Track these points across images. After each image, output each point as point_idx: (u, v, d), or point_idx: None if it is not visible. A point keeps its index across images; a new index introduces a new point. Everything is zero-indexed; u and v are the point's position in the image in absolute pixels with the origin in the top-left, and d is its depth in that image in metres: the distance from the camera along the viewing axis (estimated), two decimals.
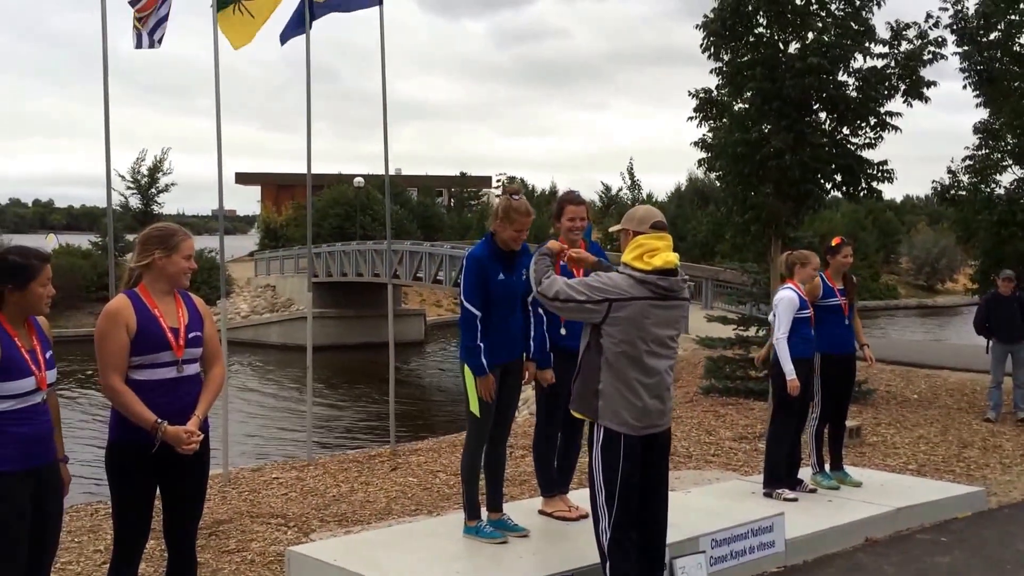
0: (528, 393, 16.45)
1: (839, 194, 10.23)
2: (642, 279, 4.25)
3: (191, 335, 3.90)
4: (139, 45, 8.43)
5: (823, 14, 9.55)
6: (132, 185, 41.15)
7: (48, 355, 3.63)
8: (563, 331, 5.40)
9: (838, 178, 9.78)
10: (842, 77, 9.52)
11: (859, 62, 9.58)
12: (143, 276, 3.93)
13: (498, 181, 63.26)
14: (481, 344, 5.01)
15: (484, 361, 5.00)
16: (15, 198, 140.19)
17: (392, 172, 10.50)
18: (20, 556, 3.53)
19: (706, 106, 9.90)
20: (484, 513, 5.32)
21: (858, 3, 9.49)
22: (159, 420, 3.74)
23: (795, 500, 6.53)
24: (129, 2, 8.30)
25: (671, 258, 4.32)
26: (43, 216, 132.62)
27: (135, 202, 41.47)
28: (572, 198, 5.63)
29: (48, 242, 43.18)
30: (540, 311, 5.37)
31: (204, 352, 3.97)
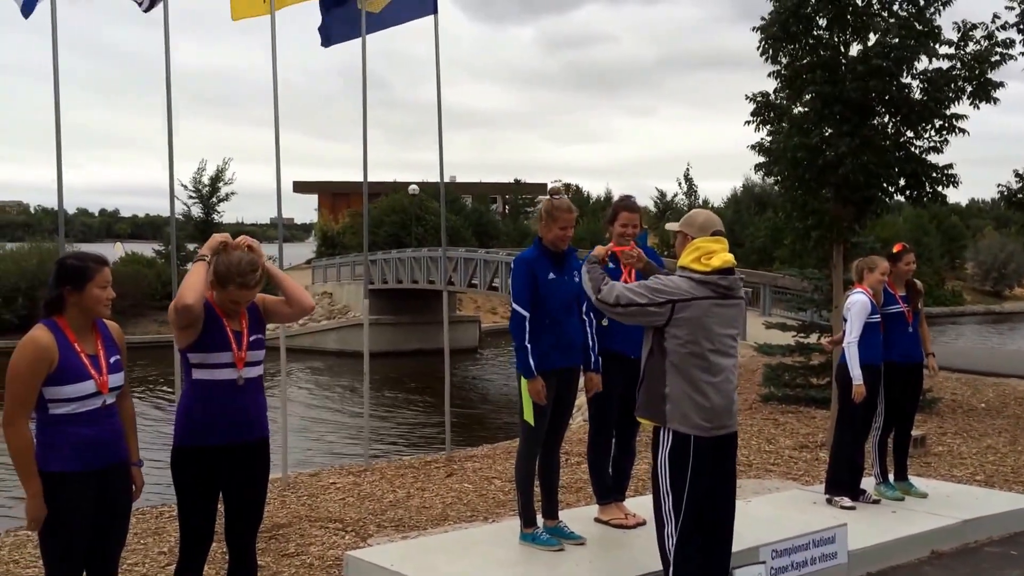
0: (582, 400, 16.38)
1: (902, 198, 10.01)
2: (702, 280, 4.25)
3: (252, 338, 3.97)
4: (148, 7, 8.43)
5: (885, 14, 9.35)
6: (194, 194, 42.00)
7: (113, 360, 3.69)
8: (604, 322, 5.33)
9: (902, 182, 9.56)
10: (906, 79, 9.31)
11: (924, 63, 9.37)
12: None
13: (554, 184, 63.26)
14: (529, 345, 5.01)
15: (532, 362, 4.99)
16: (82, 208, 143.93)
17: (447, 179, 10.56)
18: (76, 555, 3.59)
19: (764, 110, 9.76)
20: (540, 520, 5.31)
21: (922, 3, 9.27)
22: (203, 254, 3.85)
23: (852, 508, 6.41)
24: None
25: (729, 258, 4.34)
26: (109, 225, 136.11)
27: (197, 211, 42.30)
28: (627, 204, 5.61)
29: (116, 251, 44.32)
30: (591, 315, 5.35)
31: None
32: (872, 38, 9.46)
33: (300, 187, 60.38)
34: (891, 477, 6.99)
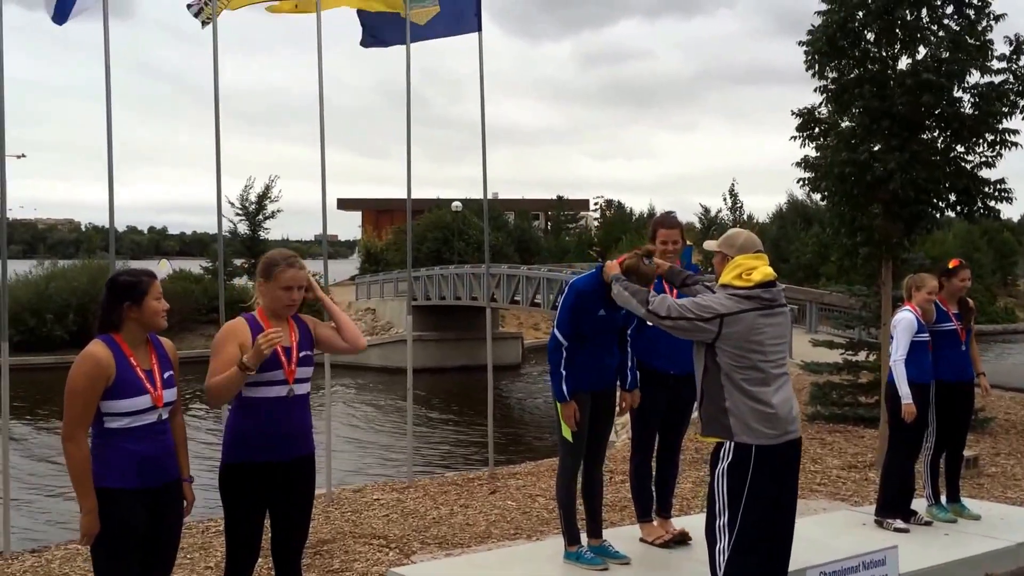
0: (626, 417, 16.28)
1: (953, 214, 9.84)
2: (746, 294, 4.29)
3: (302, 354, 4.01)
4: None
5: (935, 28, 9.22)
6: (240, 212, 42.52)
7: (167, 375, 3.74)
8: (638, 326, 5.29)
9: (952, 198, 9.39)
10: (957, 93, 9.16)
11: (975, 77, 9.21)
12: (258, 300, 4.07)
13: (595, 204, 63.13)
14: (564, 372, 5.01)
15: (565, 388, 4.99)
16: (132, 225, 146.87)
17: (489, 196, 10.59)
18: (128, 571, 3.63)
19: (810, 125, 9.66)
20: (584, 539, 5.27)
21: (973, 17, 9.13)
22: (242, 355, 3.76)
23: (906, 531, 6.27)
24: None
25: (769, 271, 4.40)
26: (158, 243, 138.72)
27: (243, 228, 42.82)
28: (665, 220, 5.58)
29: (161, 268, 45.04)
30: (630, 334, 5.33)
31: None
32: (921, 52, 9.33)
33: (344, 204, 60.99)
34: (943, 498, 6.84)
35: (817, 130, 9.81)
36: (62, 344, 31.07)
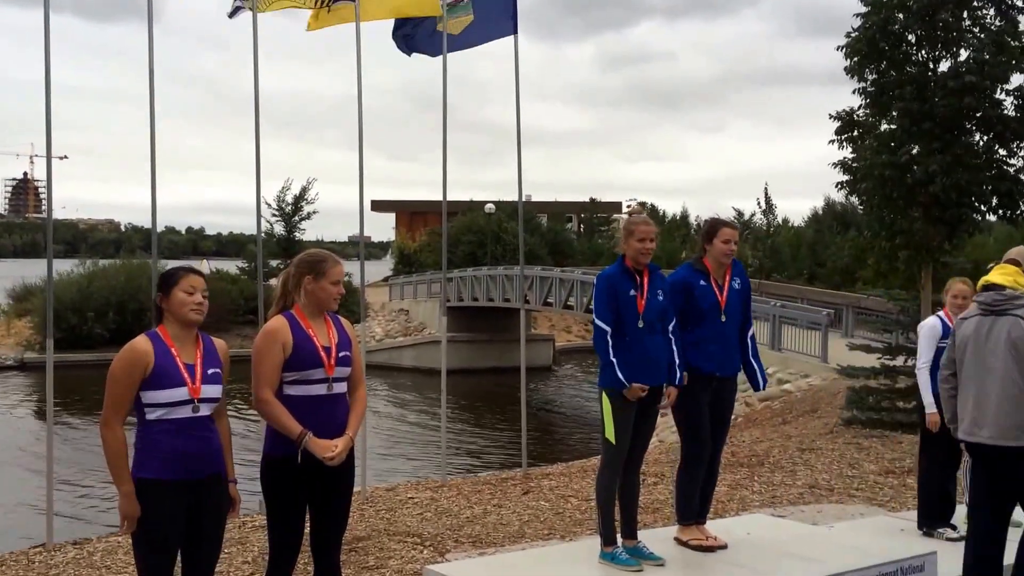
0: (658, 421, 16.22)
1: (995, 218, 9.73)
2: None
3: (341, 354, 4.06)
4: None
5: (977, 30, 9.13)
6: (277, 213, 42.92)
7: (211, 371, 3.78)
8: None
9: (995, 201, 9.29)
10: (999, 96, 9.07)
11: (1017, 79, 9.12)
12: (297, 298, 4.11)
13: (628, 207, 62.89)
14: (614, 359, 5.00)
15: (621, 374, 4.98)
16: (170, 226, 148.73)
17: (523, 198, 10.63)
18: (167, 562, 3.68)
19: (849, 127, 9.60)
20: (620, 540, 5.27)
21: (1015, 18, 9.04)
22: (305, 430, 3.89)
23: (958, 540, 6.15)
24: None
25: (989, 277, 4.91)
26: (195, 243, 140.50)
27: (279, 229, 43.22)
28: (728, 220, 5.60)
29: (202, 267, 45.58)
30: (677, 333, 5.31)
31: (351, 372, 4.11)
32: (963, 55, 9.24)
33: (378, 206, 61.33)
34: None
35: (856, 133, 9.74)
36: (103, 342, 31.53)
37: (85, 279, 35.79)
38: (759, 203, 54.84)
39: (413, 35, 9.66)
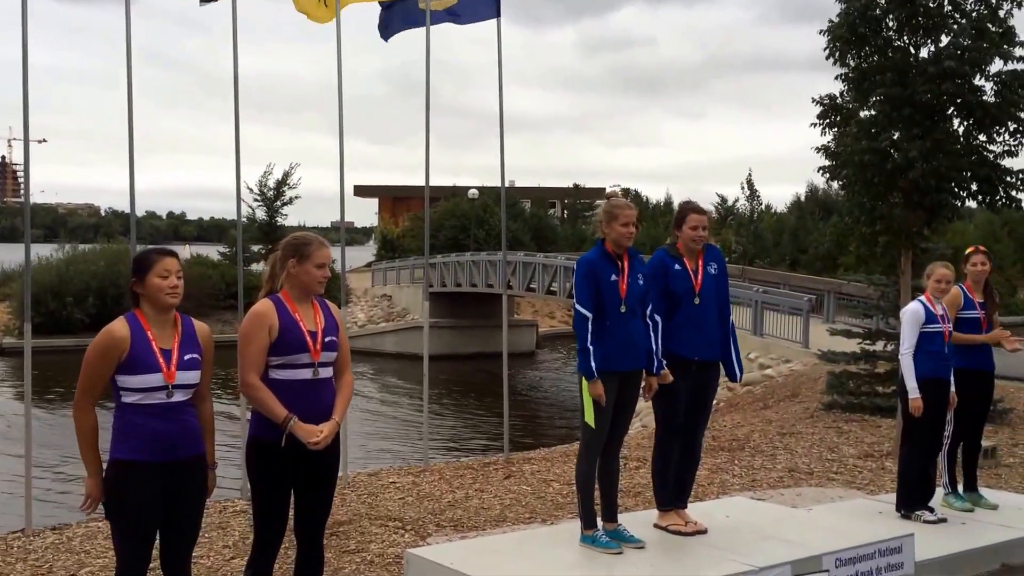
0: (641, 405, 16.31)
1: (974, 204, 9.77)
2: None
3: (327, 339, 4.05)
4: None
5: (958, 15, 9.14)
6: (259, 198, 42.63)
7: (188, 357, 3.76)
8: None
9: (974, 187, 9.33)
10: (979, 81, 9.09)
11: (998, 65, 9.14)
12: (284, 282, 4.09)
13: (610, 191, 62.91)
14: (591, 347, 5.01)
15: (594, 364, 4.99)
16: (151, 210, 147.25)
17: (506, 184, 10.60)
18: (144, 544, 3.67)
19: (830, 113, 9.61)
20: (600, 523, 5.29)
21: (995, 3, 9.05)
22: (290, 415, 3.88)
23: (935, 522, 6.23)
24: None
25: None
26: (176, 228, 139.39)
27: (261, 214, 42.92)
28: (696, 206, 5.59)
29: (183, 253, 45.27)
30: (656, 318, 5.32)
31: (337, 358, 4.11)
32: (944, 39, 9.25)
33: (360, 191, 61.06)
34: (960, 488, 6.82)
35: (838, 118, 9.75)
36: (82, 327, 31.26)
37: (64, 264, 35.49)
38: (743, 189, 55.03)
39: (390, 20, 9.61)
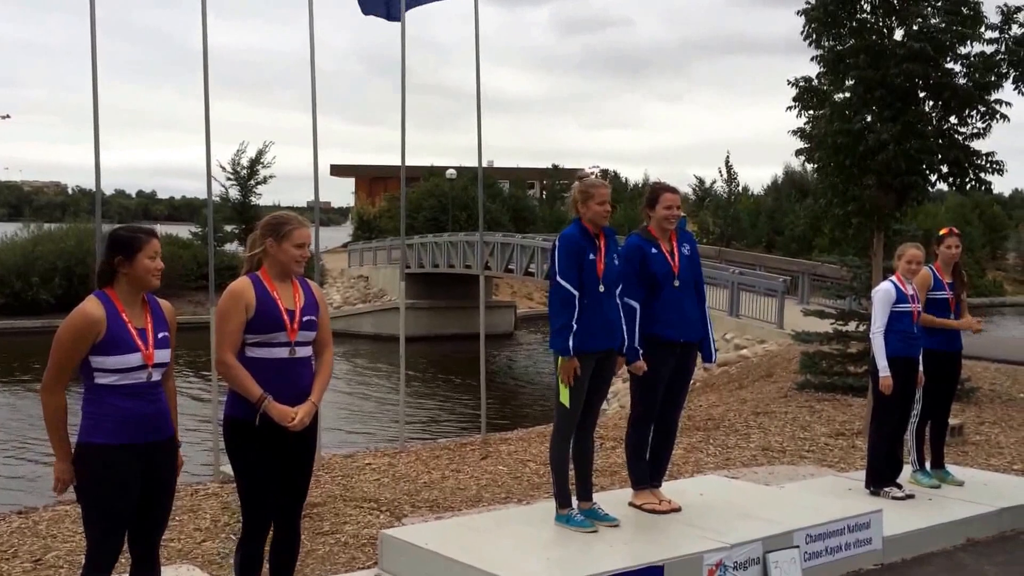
0: (618, 386, 16.41)
1: (944, 186, 9.87)
2: None
3: (306, 318, 4.04)
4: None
5: None
6: (232, 177, 42.23)
7: (161, 335, 3.73)
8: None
9: (944, 169, 9.42)
10: (949, 64, 9.17)
11: (968, 48, 9.21)
12: (263, 261, 4.08)
13: (591, 174, 62.82)
14: (575, 325, 4.99)
15: (572, 343, 4.99)
16: (120, 189, 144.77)
17: (484, 164, 10.57)
18: (118, 528, 3.65)
19: (806, 95, 9.65)
20: (575, 502, 5.33)
21: None
22: (265, 394, 3.88)
23: (903, 499, 6.34)
24: None
25: None
26: (146, 207, 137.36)
27: (234, 193, 42.54)
28: (668, 185, 5.59)
29: None
30: (630, 303, 5.34)
31: (317, 337, 4.10)
32: (917, 24, 9.31)
33: (337, 171, 60.70)
34: (928, 465, 6.93)
35: (814, 100, 9.80)
36: (48, 308, 30.91)
37: (30, 243, 34.98)
38: (720, 171, 55.17)
39: None
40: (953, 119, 9.42)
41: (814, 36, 9.55)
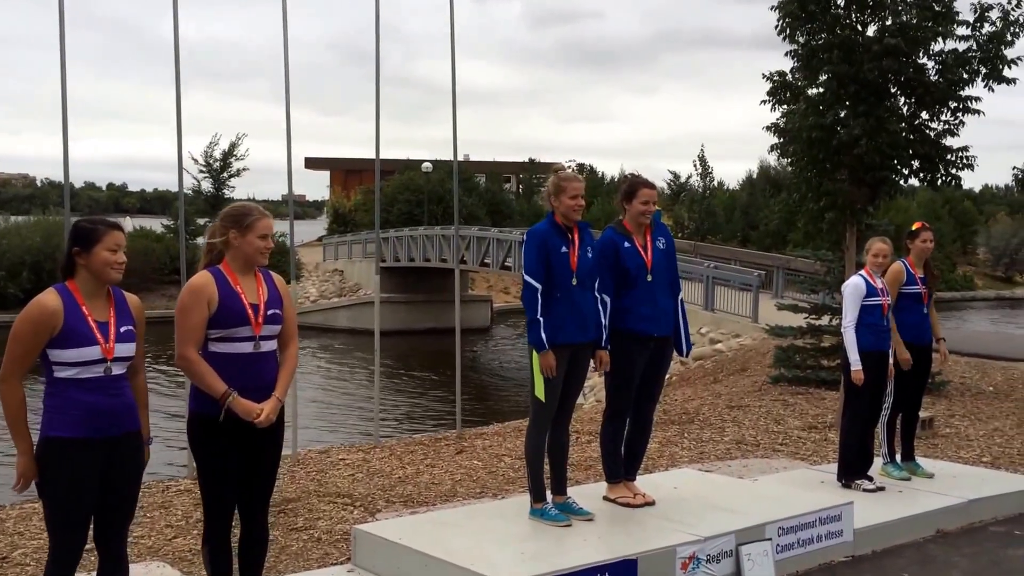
0: (594, 380, 16.44)
1: (916, 181, 9.96)
2: None
3: (270, 312, 3.99)
4: None
5: None
6: (204, 169, 41.85)
7: (124, 329, 3.67)
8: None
9: (916, 164, 9.50)
10: (922, 60, 9.24)
11: (940, 45, 9.29)
12: (224, 253, 4.02)
13: (567, 166, 62.97)
14: (541, 319, 5.01)
15: (544, 336, 5.00)
16: (90, 181, 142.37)
17: (460, 158, 10.53)
18: (79, 523, 3.59)
19: (780, 90, 9.69)
20: (549, 496, 5.33)
21: None
22: (229, 389, 3.84)
23: (874, 491, 6.40)
24: None
25: None
26: (117, 200, 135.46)
27: (207, 186, 42.17)
28: (646, 180, 5.59)
29: (126, 225, 44.35)
30: (604, 296, 5.35)
31: (282, 330, 4.06)
32: (890, 19, 9.37)
33: (312, 163, 60.31)
34: (898, 457, 7.00)
35: (788, 95, 9.84)
36: (16, 302, 30.44)
37: None
38: (695, 166, 55.36)
39: None
40: (925, 115, 9.50)
41: (788, 31, 9.59)
